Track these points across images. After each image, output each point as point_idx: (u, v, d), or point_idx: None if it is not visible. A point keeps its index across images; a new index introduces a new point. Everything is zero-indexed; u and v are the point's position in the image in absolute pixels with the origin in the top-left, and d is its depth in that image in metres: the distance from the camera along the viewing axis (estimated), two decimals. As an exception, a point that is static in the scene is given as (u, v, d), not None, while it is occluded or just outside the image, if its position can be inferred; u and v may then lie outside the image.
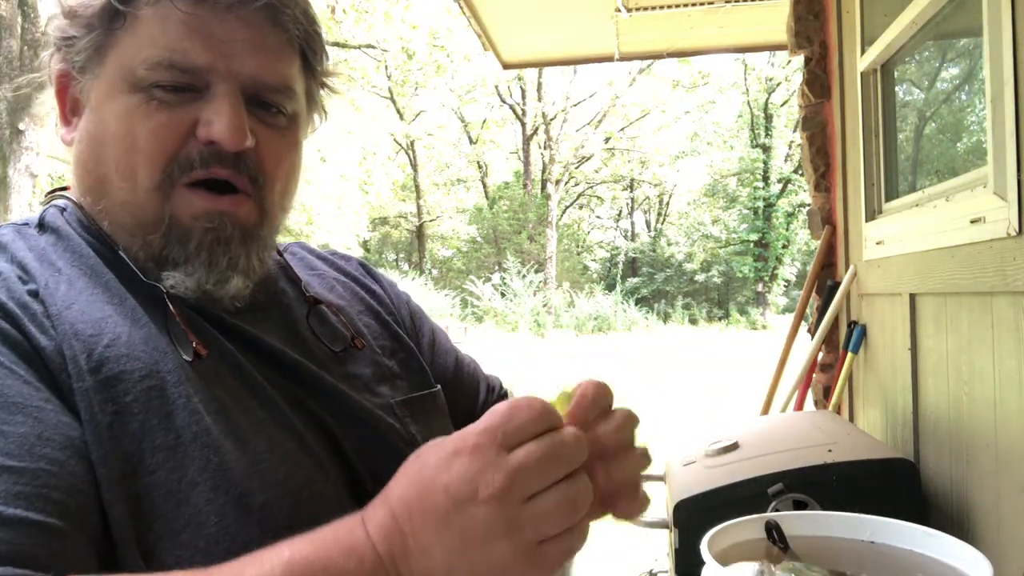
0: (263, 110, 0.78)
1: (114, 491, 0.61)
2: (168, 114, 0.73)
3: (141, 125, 0.73)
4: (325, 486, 0.73)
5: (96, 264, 0.73)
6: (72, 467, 0.60)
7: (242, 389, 0.73)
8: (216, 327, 0.75)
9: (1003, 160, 1.44)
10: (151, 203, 0.74)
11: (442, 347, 1.02)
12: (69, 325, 0.67)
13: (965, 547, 0.75)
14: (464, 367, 1.03)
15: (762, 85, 25.45)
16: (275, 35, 0.77)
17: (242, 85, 0.75)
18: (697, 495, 1.55)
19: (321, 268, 0.97)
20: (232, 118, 0.73)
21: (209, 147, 0.74)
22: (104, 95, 0.74)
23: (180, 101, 0.73)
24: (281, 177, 0.81)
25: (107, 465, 0.62)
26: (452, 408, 0.95)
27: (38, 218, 0.78)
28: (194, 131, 0.74)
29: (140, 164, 0.73)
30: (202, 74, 0.73)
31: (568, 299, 22.50)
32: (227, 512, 0.65)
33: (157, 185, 0.73)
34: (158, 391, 0.67)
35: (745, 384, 8.43)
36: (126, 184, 0.74)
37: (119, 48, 0.74)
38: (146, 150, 0.73)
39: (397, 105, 24.82)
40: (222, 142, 0.73)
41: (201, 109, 0.74)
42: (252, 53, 0.75)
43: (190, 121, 0.74)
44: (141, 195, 0.74)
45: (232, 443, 0.68)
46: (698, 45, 4.24)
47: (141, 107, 0.73)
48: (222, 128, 0.73)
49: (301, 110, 0.83)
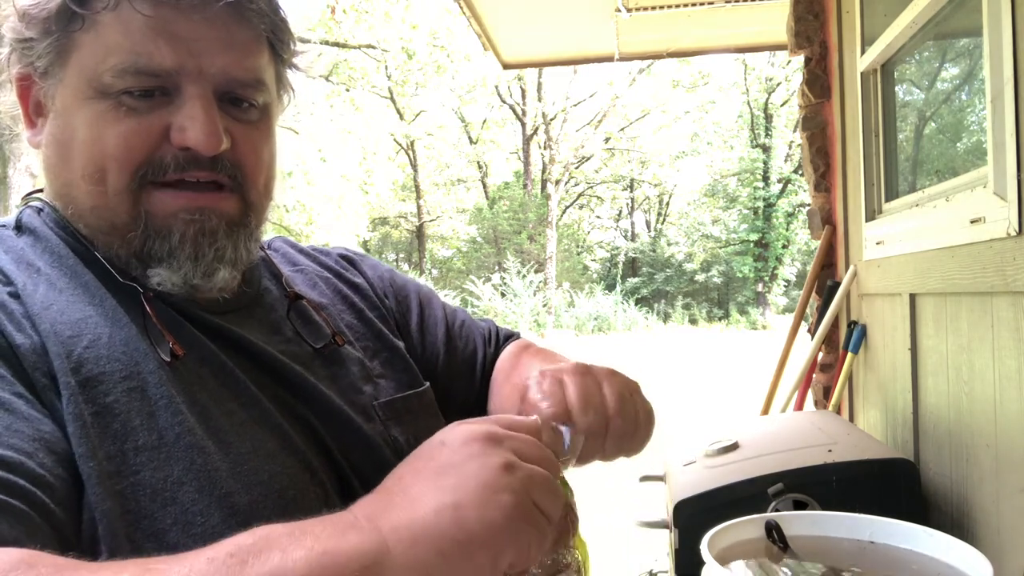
0: (234, 107, 0.76)
1: (102, 488, 0.61)
2: (138, 120, 0.72)
3: (110, 131, 0.71)
4: (311, 486, 0.72)
5: (75, 264, 0.73)
6: (40, 459, 0.59)
7: (224, 389, 0.72)
8: (198, 327, 0.75)
9: (1003, 160, 1.44)
10: (123, 205, 0.73)
11: (432, 319, 1.02)
12: (49, 325, 0.66)
13: (965, 547, 0.75)
14: (456, 331, 1.03)
15: (762, 85, 25.43)
16: (242, 31, 0.75)
17: (213, 84, 0.74)
18: (697, 495, 1.55)
19: (303, 263, 0.96)
20: (206, 123, 0.72)
21: (184, 152, 0.73)
22: (70, 100, 0.73)
23: (150, 106, 0.72)
24: (262, 169, 0.80)
25: (94, 460, 0.62)
26: (453, 374, 0.98)
27: (15, 220, 0.77)
28: (166, 135, 0.73)
29: (109, 169, 0.72)
30: (171, 76, 0.72)
31: (568, 299, 22.49)
32: (212, 512, 0.64)
33: (126, 187, 0.72)
34: (139, 392, 0.66)
35: (745, 384, 8.43)
36: (95, 188, 0.72)
37: (81, 52, 0.72)
38: (116, 155, 0.71)
39: (397, 105, 24.80)
40: (198, 148, 0.72)
41: (172, 113, 0.72)
42: (220, 51, 0.73)
43: (161, 126, 0.72)
44: (112, 198, 0.72)
45: (215, 444, 0.68)
46: (698, 45, 4.24)
47: (109, 113, 0.71)
48: (197, 134, 0.72)
49: (272, 99, 0.81)
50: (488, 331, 1.08)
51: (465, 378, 1.01)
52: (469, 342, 1.04)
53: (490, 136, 28.42)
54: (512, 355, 1.03)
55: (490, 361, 1.04)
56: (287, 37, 0.81)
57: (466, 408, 1.01)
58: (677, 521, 1.55)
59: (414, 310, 1.00)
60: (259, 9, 0.76)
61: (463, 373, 1.01)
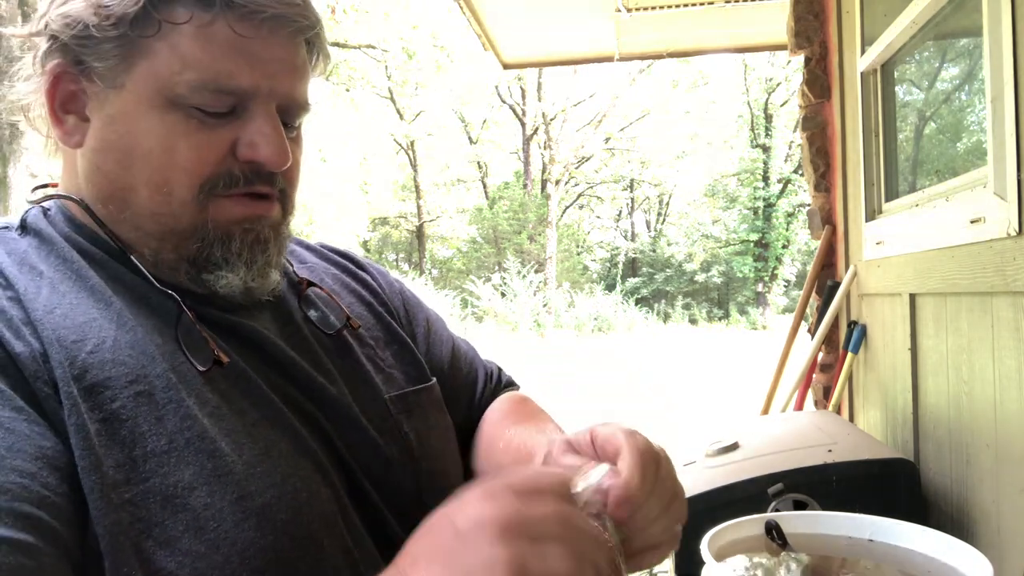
0: (284, 126, 0.78)
1: (107, 500, 0.60)
2: (208, 134, 0.72)
3: (181, 143, 0.72)
4: (323, 487, 0.72)
5: (81, 267, 0.72)
6: (44, 479, 0.58)
7: (235, 389, 0.72)
8: (211, 326, 0.75)
9: (1003, 160, 1.44)
10: (187, 213, 0.73)
11: (437, 337, 1.00)
12: (52, 330, 0.65)
13: (965, 547, 0.75)
14: (461, 357, 1.02)
15: (762, 85, 25.43)
16: (301, 54, 0.78)
17: (276, 104, 0.76)
18: (697, 495, 1.55)
19: (311, 260, 0.96)
20: (278, 141, 0.74)
21: (251, 165, 0.74)
22: (132, 107, 0.72)
23: (220, 122, 0.73)
24: (299, 180, 0.83)
25: (98, 473, 0.60)
26: (449, 399, 0.94)
27: (19, 220, 0.76)
28: (233, 149, 0.74)
29: (178, 180, 0.72)
30: (245, 95, 0.73)
31: (568, 299, 22.49)
32: (225, 516, 0.64)
33: (194, 198, 0.73)
34: (146, 396, 0.66)
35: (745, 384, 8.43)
36: (159, 197, 0.72)
37: (152, 60, 0.71)
38: (186, 167, 0.72)
39: (397, 105, 24.82)
40: (268, 164, 0.74)
41: (240, 128, 0.74)
42: (287, 73, 0.75)
43: (230, 140, 0.73)
44: (176, 207, 0.73)
45: (228, 445, 0.67)
46: (698, 45, 4.24)
47: (180, 125, 0.71)
48: (269, 152, 0.74)
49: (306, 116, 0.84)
50: (491, 369, 1.07)
51: (462, 403, 0.99)
52: (472, 370, 1.03)
53: (490, 136, 28.43)
54: (514, 402, 1.01)
55: (488, 397, 1.02)
56: (324, 58, 0.83)
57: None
58: (677, 521, 1.54)
59: (421, 323, 1.00)
60: (320, 35, 0.79)
61: (460, 398, 0.99)
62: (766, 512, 1.01)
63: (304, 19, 0.75)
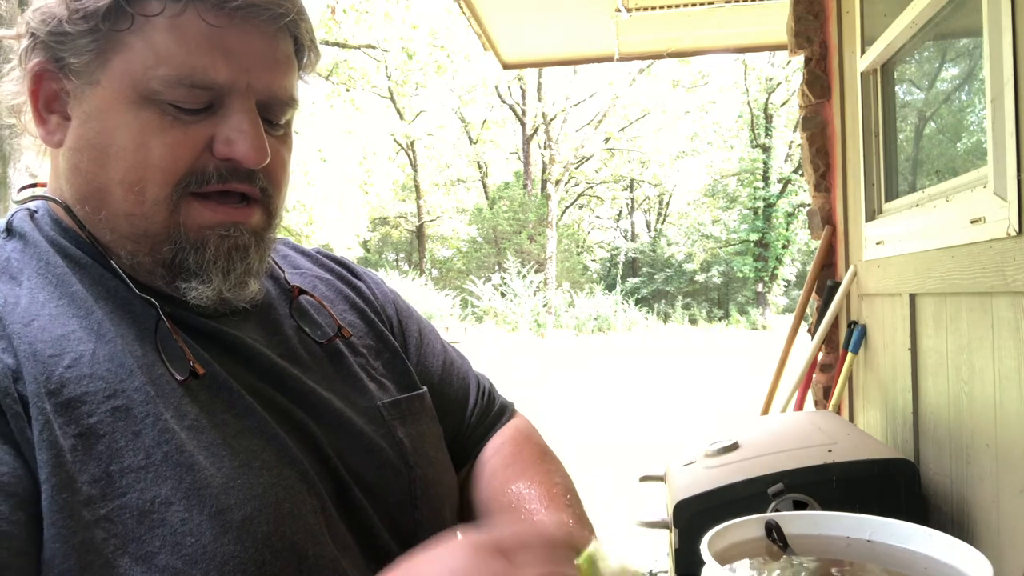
0: (268, 123, 0.76)
1: (78, 518, 0.59)
2: (183, 130, 0.70)
3: (155, 140, 0.69)
4: (308, 497, 0.70)
5: (63, 273, 0.70)
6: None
7: (217, 400, 0.70)
8: (192, 333, 0.73)
9: (1003, 160, 1.44)
10: (159, 214, 0.71)
11: (430, 348, 0.98)
12: (28, 345, 0.64)
13: (965, 547, 0.75)
14: (454, 369, 0.99)
15: (762, 85, 25.45)
16: (286, 46, 0.75)
17: (256, 98, 0.73)
18: (697, 495, 1.55)
19: (304, 266, 0.94)
20: (254, 137, 0.71)
21: (227, 163, 0.72)
22: (108, 103, 0.70)
23: (196, 118, 0.71)
24: (286, 181, 0.80)
25: (69, 490, 0.59)
26: (439, 410, 0.92)
27: (5, 223, 0.75)
28: (209, 146, 0.71)
29: (151, 178, 0.70)
30: (221, 90, 0.70)
31: (568, 299, 22.50)
32: (204, 531, 0.62)
33: (167, 197, 0.71)
34: (124, 411, 0.64)
35: (745, 384, 8.43)
36: (133, 196, 0.70)
37: (127, 54, 0.69)
38: (160, 165, 0.69)
39: (397, 105, 24.84)
40: (245, 161, 0.72)
41: (217, 124, 0.71)
42: (267, 68, 0.73)
43: (206, 136, 0.71)
44: (149, 207, 0.70)
45: (206, 459, 0.65)
46: (698, 45, 4.24)
47: (154, 121, 0.69)
48: (245, 148, 0.71)
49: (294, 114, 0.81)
50: (482, 384, 1.03)
51: (453, 416, 0.96)
52: (464, 384, 0.99)
53: (490, 136, 28.46)
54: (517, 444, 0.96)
55: (479, 413, 0.99)
56: (313, 53, 0.80)
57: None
58: (677, 521, 1.55)
59: (413, 333, 0.97)
60: (306, 25, 0.76)
61: (450, 411, 0.96)
62: (766, 512, 1.01)
63: (278, 7, 0.72)
